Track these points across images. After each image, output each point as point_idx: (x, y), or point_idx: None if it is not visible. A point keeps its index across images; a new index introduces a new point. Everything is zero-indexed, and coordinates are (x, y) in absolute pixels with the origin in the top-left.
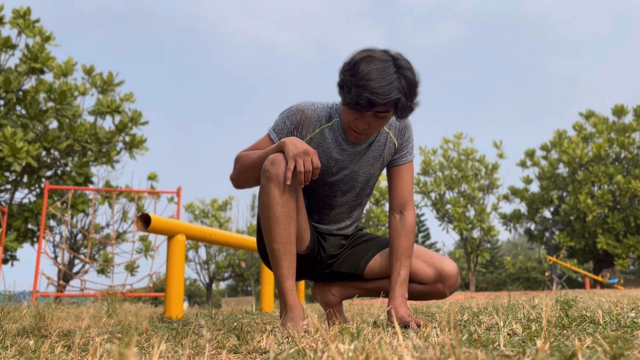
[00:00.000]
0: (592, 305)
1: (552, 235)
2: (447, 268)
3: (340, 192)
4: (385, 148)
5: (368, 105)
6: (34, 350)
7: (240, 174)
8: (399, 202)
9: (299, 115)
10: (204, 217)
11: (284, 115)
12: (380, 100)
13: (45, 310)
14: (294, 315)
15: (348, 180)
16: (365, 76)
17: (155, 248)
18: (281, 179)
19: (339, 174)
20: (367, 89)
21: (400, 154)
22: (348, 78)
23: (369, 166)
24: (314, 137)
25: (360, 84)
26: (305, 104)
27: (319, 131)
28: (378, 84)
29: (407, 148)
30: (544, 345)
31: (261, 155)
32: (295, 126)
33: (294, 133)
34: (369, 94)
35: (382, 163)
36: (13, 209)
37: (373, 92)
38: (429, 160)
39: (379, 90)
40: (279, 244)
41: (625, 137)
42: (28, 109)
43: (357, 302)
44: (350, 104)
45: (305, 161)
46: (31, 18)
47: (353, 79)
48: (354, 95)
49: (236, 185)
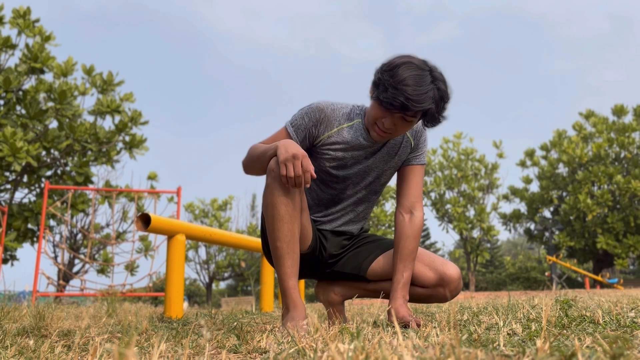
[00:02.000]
0: (591, 305)
1: (551, 235)
2: (449, 272)
3: (352, 185)
4: (401, 147)
5: (401, 108)
6: (34, 350)
7: (247, 163)
8: (410, 201)
9: (318, 114)
10: (204, 217)
11: (304, 112)
12: (413, 107)
13: (45, 310)
14: (295, 315)
15: (360, 174)
16: (404, 80)
17: (155, 248)
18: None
19: (353, 168)
20: (404, 92)
21: (415, 153)
22: (386, 78)
23: (382, 163)
24: (332, 135)
25: (397, 86)
26: (326, 103)
27: (338, 130)
28: (414, 90)
29: (422, 150)
30: (544, 345)
31: (263, 151)
32: (314, 124)
33: (311, 130)
34: (404, 99)
35: (397, 161)
36: (13, 209)
37: (408, 97)
38: (429, 160)
39: (414, 97)
40: (282, 243)
41: (625, 137)
42: (28, 109)
43: (357, 302)
44: (384, 103)
45: (295, 165)
46: (31, 18)
47: (391, 80)
48: (389, 96)
49: (244, 171)
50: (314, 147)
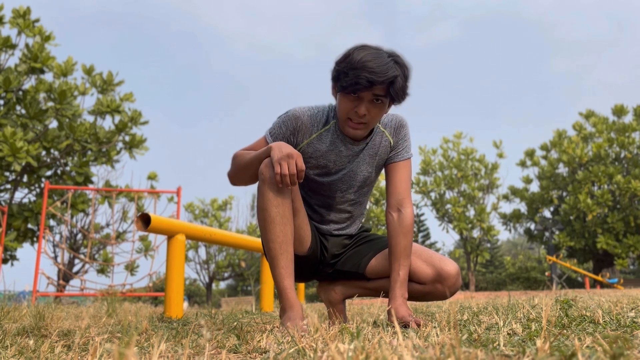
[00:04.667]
0: (591, 305)
1: (552, 235)
2: (447, 268)
3: (339, 191)
4: (381, 146)
5: (367, 84)
6: (34, 350)
7: (234, 173)
8: (396, 199)
9: (294, 122)
10: (204, 217)
11: (281, 120)
12: (378, 78)
13: (45, 310)
14: (293, 315)
15: (346, 179)
16: (362, 59)
17: (155, 248)
18: (275, 181)
19: (338, 174)
20: (366, 69)
21: (395, 151)
22: (343, 66)
23: (365, 165)
24: (311, 142)
25: (357, 66)
26: (301, 110)
27: (316, 136)
28: (375, 64)
29: (402, 146)
30: (544, 345)
31: (253, 157)
32: (292, 132)
33: (290, 138)
34: (367, 73)
35: (378, 161)
36: (13, 209)
37: (371, 71)
38: (429, 160)
39: (376, 69)
40: (275, 244)
41: (625, 136)
42: (28, 109)
43: (357, 302)
44: (349, 87)
45: (289, 164)
46: (31, 18)
47: (349, 64)
48: (352, 78)
49: (232, 182)
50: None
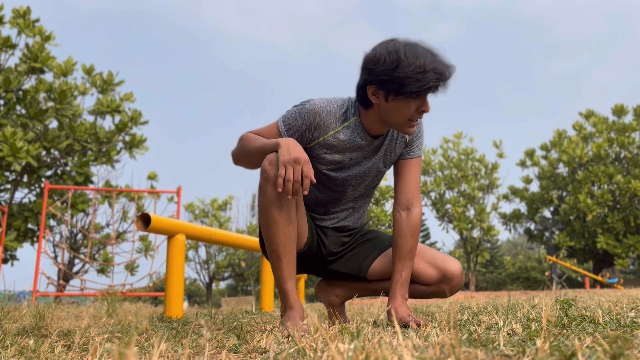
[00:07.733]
0: (591, 304)
1: (551, 235)
2: (451, 268)
3: (351, 186)
4: (397, 143)
5: (441, 84)
6: (34, 350)
7: (239, 155)
8: (406, 197)
9: (312, 117)
10: (204, 217)
11: (297, 112)
12: (448, 77)
13: (45, 310)
14: (294, 315)
15: (360, 175)
16: (427, 62)
17: (155, 248)
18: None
19: (352, 170)
20: (436, 71)
21: (409, 147)
22: (408, 71)
23: (380, 161)
24: (328, 138)
25: (427, 69)
26: (320, 105)
27: (334, 132)
28: (439, 64)
29: (416, 143)
30: (544, 344)
31: (259, 147)
32: (308, 127)
33: (305, 133)
34: (439, 74)
35: (393, 157)
36: (13, 209)
37: (441, 72)
38: (429, 159)
39: (444, 69)
40: (278, 247)
41: (625, 136)
42: (28, 109)
43: (357, 302)
44: (423, 91)
45: (295, 170)
46: (31, 17)
47: (416, 69)
48: (423, 82)
49: (234, 162)
50: (308, 149)
